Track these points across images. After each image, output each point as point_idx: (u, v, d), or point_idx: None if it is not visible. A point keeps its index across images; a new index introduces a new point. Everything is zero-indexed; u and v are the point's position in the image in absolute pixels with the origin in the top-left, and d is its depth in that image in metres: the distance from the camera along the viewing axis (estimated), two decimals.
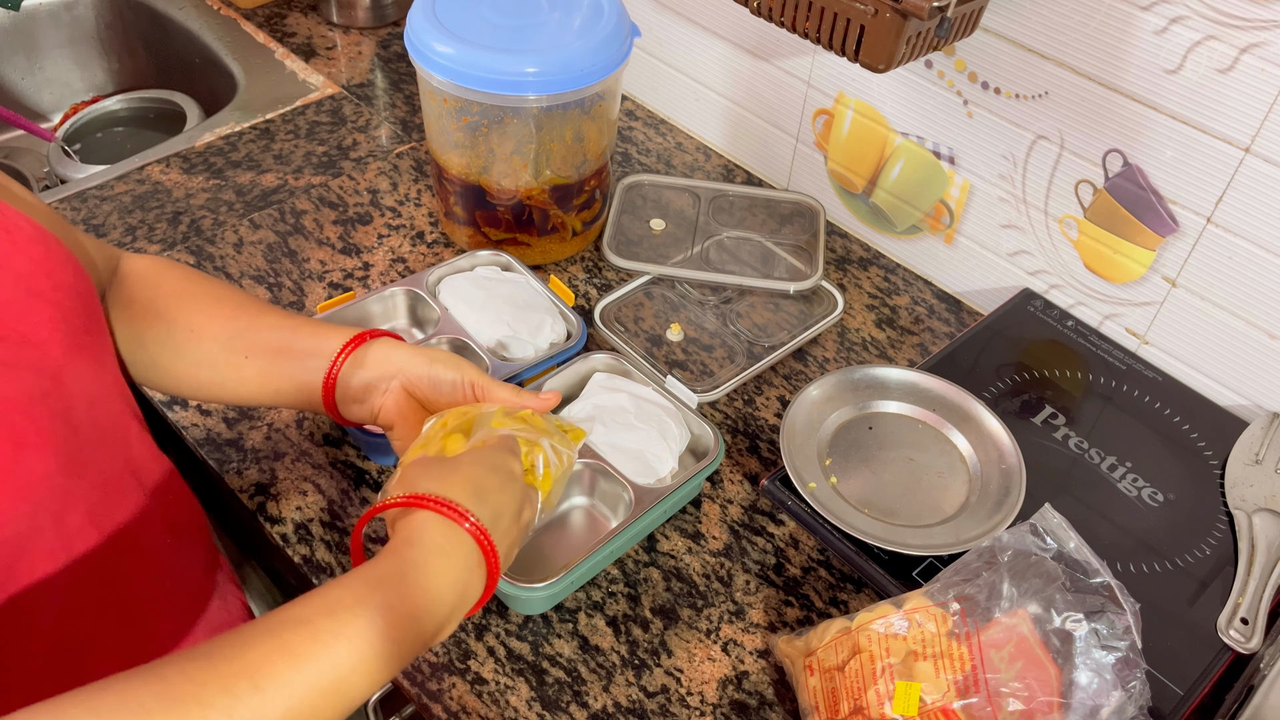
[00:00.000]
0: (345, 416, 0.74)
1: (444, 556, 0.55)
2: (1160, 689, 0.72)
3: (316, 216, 1.10)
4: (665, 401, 0.86)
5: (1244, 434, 0.89)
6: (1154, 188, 0.88)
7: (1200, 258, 0.88)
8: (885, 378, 0.89)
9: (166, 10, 1.43)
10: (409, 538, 0.56)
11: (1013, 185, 0.97)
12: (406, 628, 0.52)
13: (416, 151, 1.20)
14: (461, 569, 0.56)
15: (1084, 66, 0.87)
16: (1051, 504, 0.82)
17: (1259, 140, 0.80)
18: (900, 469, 0.84)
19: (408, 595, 0.53)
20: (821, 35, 0.82)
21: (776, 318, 1.02)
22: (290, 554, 0.81)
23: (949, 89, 0.97)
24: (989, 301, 1.05)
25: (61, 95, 1.53)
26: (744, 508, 0.86)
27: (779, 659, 0.74)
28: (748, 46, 1.13)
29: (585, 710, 0.73)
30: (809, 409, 0.87)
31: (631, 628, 0.78)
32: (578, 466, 0.82)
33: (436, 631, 0.55)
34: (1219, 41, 0.78)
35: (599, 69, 0.92)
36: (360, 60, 1.36)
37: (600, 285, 1.05)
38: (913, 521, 0.80)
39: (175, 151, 1.18)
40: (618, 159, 1.22)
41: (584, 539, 0.82)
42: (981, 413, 0.86)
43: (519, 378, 0.89)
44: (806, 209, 1.14)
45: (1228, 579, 0.79)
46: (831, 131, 1.10)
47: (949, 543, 0.77)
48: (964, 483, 0.84)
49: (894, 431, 0.87)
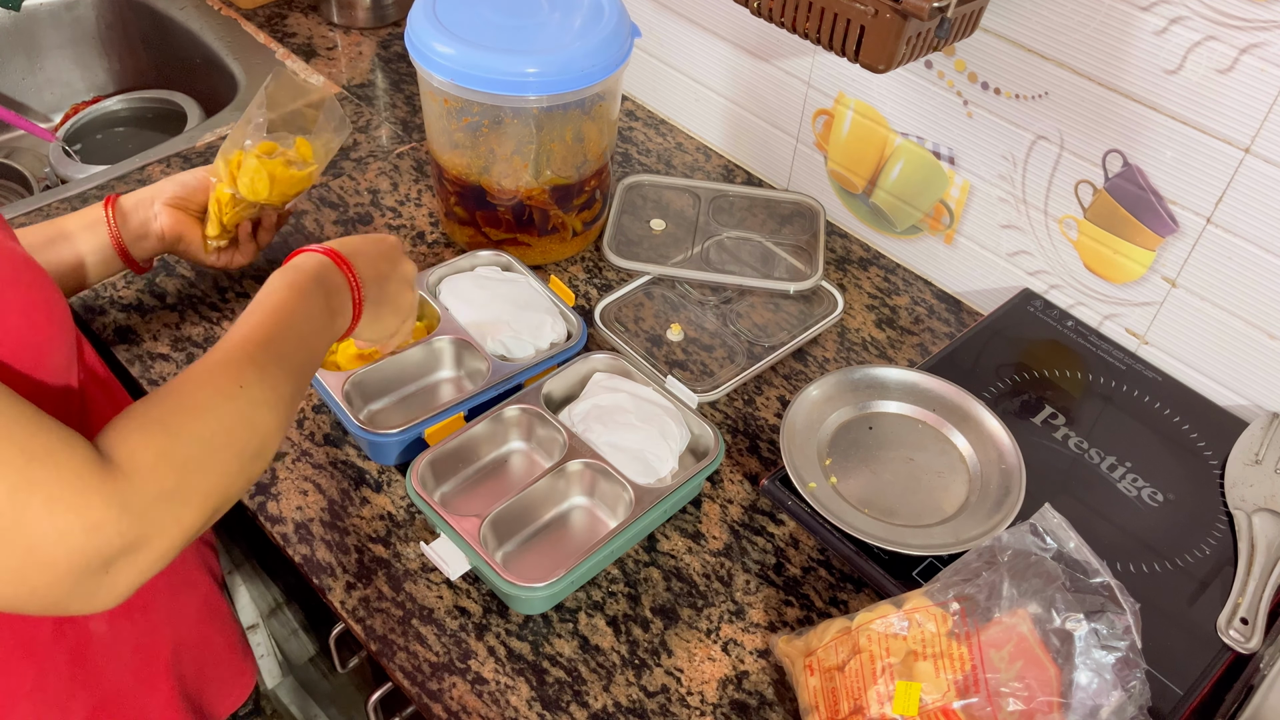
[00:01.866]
0: (139, 259, 0.91)
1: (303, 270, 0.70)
2: (1160, 689, 0.73)
3: (317, 216, 1.10)
4: (665, 401, 0.87)
5: (1244, 434, 0.89)
6: (1154, 188, 0.88)
7: (1200, 258, 0.88)
8: (885, 378, 0.89)
9: (167, 10, 1.43)
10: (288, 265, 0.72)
11: (1013, 185, 0.97)
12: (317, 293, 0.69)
13: (417, 152, 1.21)
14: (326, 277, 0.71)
15: (1084, 67, 0.87)
16: (1051, 504, 0.82)
17: (1259, 140, 0.80)
18: (900, 469, 0.84)
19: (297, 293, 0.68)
20: (821, 35, 0.82)
21: (776, 318, 1.02)
22: (290, 554, 0.81)
23: (949, 89, 0.97)
24: (989, 301, 1.05)
25: (62, 95, 1.53)
26: (744, 508, 0.86)
27: (779, 659, 0.74)
28: (748, 47, 1.13)
29: (585, 710, 0.73)
30: (809, 409, 0.87)
31: (632, 627, 0.78)
32: (578, 466, 0.82)
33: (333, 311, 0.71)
34: (1219, 42, 0.79)
35: (599, 69, 0.93)
36: (361, 60, 1.36)
37: (600, 285, 1.05)
38: (913, 521, 0.80)
39: (176, 151, 1.18)
40: (618, 159, 1.22)
41: (584, 539, 0.82)
42: (981, 413, 0.86)
43: (519, 378, 0.89)
44: (806, 209, 1.14)
45: (1227, 579, 0.79)
46: (831, 132, 1.10)
47: (949, 543, 0.77)
48: (964, 483, 0.84)
49: (894, 431, 0.87)
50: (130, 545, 0.51)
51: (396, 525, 0.83)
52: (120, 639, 0.73)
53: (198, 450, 0.55)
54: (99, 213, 0.88)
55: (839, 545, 0.79)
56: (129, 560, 0.51)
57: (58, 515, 0.48)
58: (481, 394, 0.86)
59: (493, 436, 0.86)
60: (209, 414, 0.57)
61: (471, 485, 0.85)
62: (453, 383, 0.93)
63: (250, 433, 0.59)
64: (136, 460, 0.52)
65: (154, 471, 0.52)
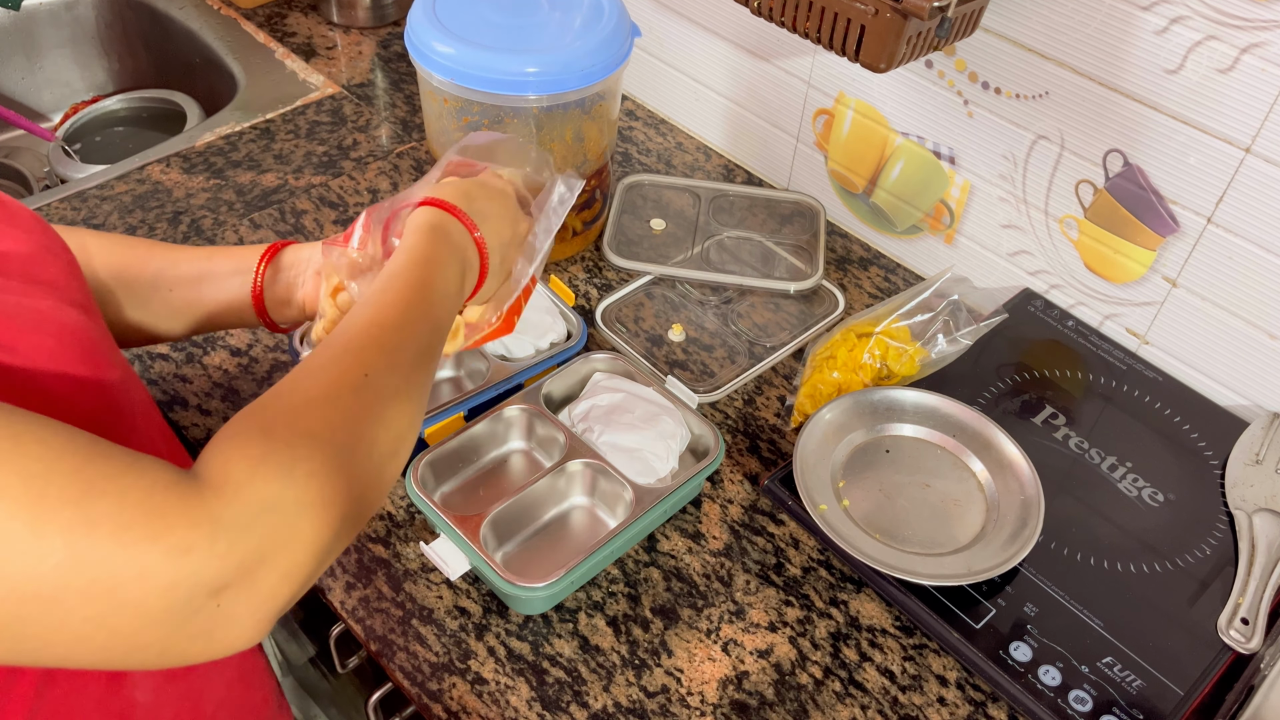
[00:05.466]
0: (276, 322, 0.78)
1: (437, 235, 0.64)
2: (1160, 689, 0.72)
3: (317, 216, 1.10)
4: (665, 401, 0.86)
5: (1244, 434, 0.89)
6: (1154, 188, 0.88)
7: (1200, 258, 0.88)
8: (903, 400, 0.88)
9: (167, 10, 1.43)
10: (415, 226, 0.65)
11: (1013, 185, 0.97)
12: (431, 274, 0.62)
13: (417, 151, 1.20)
14: (459, 245, 0.65)
15: (1084, 66, 0.87)
16: (1051, 504, 0.82)
17: (1259, 140, 0.80)
18: (915, 494, 0.83)
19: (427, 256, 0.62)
20: (822, 35, 0.82)
21: (777, 318, 1.02)
22: None
23: (949, 89, 0.97)
24: (989, 302, 1.05)
25: (62, 95, 1.53)
26: (744, 508, 0.86)
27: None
28: (748, 46, 1.13)
29: (585, 710, 0.73)
30: (823, 429, 0.86)
31: (632, 627, 0.78)
32: (578, 466, 0.82)
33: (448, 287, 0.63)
34: (1219, 41, 0.78)
35: (599, 69, 0.92)
36: (360, 60, 1.36)
37: (601, 285, 1.05)
38: (925, 549, 0.79)
39: (175, 151, 1.18)
40: (618, 159, 1.22)
41: (584, 539, 0.82)
42: (1002, 440, 0.85)
43: (519, 377, 0.89)
44: (807, 209, 1.14)
45: (1228, 579, 0.79)
46: (832, 131, 1.10)
47: (960, 573, 0.76)
48: (980, 512, 0.82)
49: (911, 456, 0.86)
50: (238, 568, 0.43)
51: (396, 525, 0.83)
52: (163, 705, 0.65)
53: (309, 450, 0.47)
54: (253, 259, 0.76)
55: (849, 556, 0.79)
56: (244, 586, 0.43)
57: (131, 546, 0.41)
58: (481, 394, 0.86)
59: (493, 436, 0.86)
60: (326, 408, 0.50)
61: (471, 485, 0.85)
62: (452, 382, 0.93)
63: (380, 428, 0.51)
64: (230, 471, 0.45)
65: (251, 480, 0.44)
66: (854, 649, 0.77)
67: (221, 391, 0.92)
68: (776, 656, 0.76)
